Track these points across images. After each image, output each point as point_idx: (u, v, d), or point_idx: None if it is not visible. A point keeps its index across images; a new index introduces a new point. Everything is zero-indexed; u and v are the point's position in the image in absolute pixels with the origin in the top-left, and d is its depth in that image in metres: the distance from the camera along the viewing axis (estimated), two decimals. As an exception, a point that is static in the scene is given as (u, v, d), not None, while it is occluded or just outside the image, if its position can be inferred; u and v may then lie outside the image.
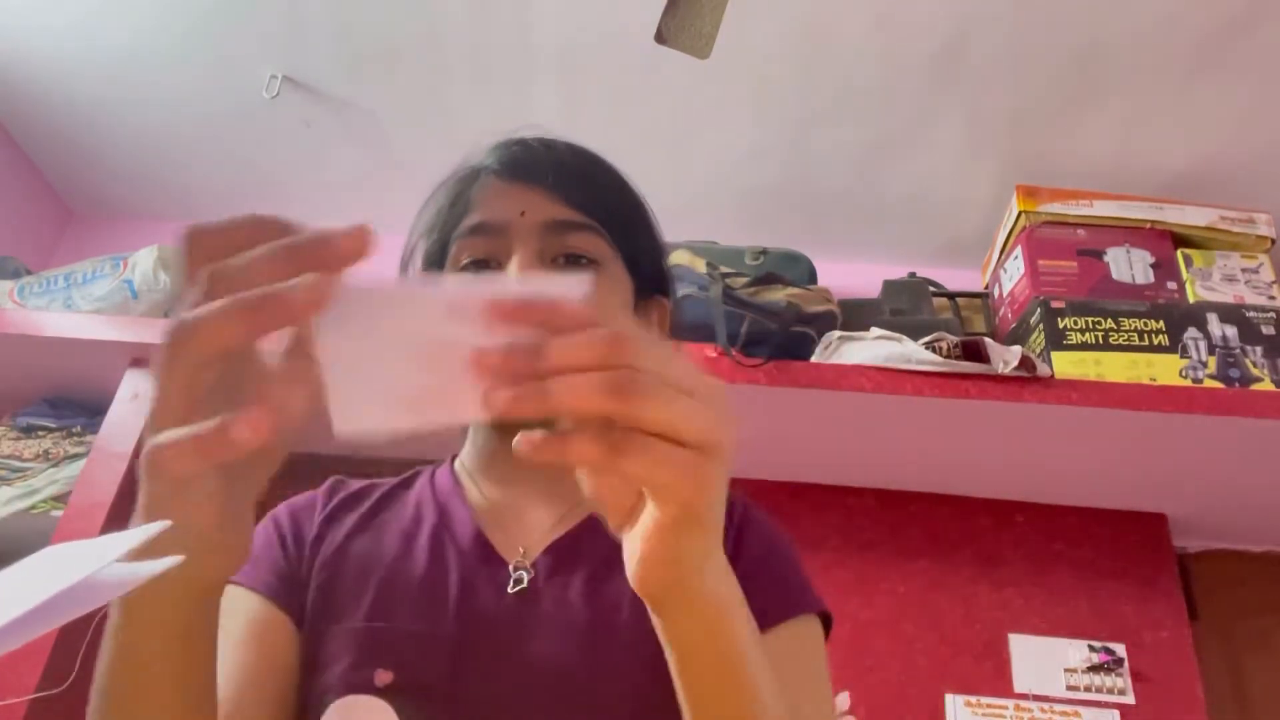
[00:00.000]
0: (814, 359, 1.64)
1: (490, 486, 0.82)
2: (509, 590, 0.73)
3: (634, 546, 0.48)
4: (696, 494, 0.44)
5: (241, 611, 0.72)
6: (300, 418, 0.43)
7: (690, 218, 1.99)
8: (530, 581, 0.74)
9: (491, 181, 0.80)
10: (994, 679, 1.64)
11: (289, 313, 0.39)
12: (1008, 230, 1.90)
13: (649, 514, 0.46)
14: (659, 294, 0.86)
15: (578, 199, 0.78)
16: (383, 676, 0.67)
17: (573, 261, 0.76)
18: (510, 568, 0.74)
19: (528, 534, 0.78)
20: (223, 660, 0.67)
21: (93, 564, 0.30)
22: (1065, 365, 1.61)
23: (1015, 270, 1.83)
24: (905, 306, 1.85)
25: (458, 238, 0.78)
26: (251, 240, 0.42)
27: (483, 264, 0.76)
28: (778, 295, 1.75)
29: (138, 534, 0.34)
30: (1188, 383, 1.59)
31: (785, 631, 0.74)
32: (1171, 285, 1.74)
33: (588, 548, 0.76)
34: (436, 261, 0.82)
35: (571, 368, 0.40)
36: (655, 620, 0.53)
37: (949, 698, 1.62)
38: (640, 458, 0.41)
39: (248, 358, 0.45)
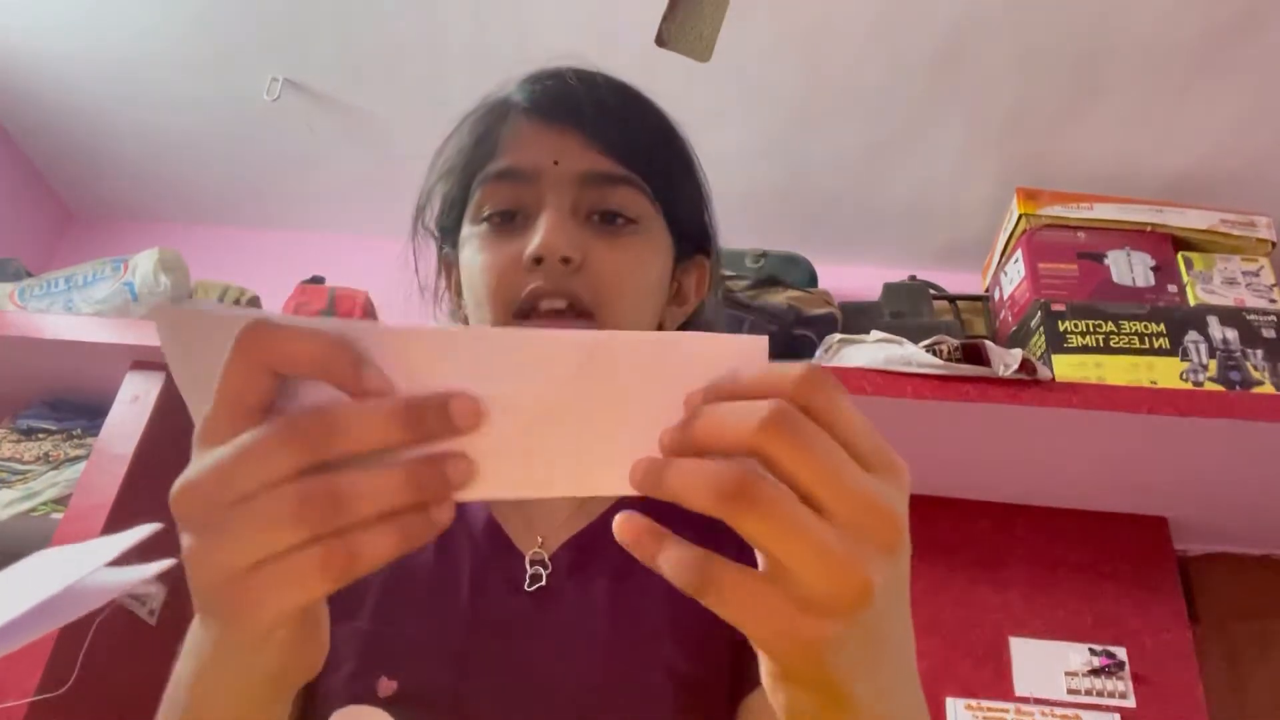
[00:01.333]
0: (814, 361, 1.64)
1: None
2: (525, 588, 0.67)
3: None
4: (796, 656, 0.36)
5: None
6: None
7: (691, 220, 1.99)
8: (548, 578, 0.67)
9: (522, 121, 0.72)
10: (994, 682, 1.63)
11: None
12: (1008, 233, 1.90)
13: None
14: (700, 252, 0.79)
15: (618, 147, 0.70)
16: (386, 686, 0.62)
17: (609, 219, 0.69)
18: (526, 561, 0.68)
19: (546, 520, 0.71)
20: None
21: (85, 568, 0.30)
22: (1066, 368, 1.61)
23: (1016, 273, 1.83)
24: (906, 309, 1.85)
25: (481, 182, 0.70)
26: (316, 360, 0.35)
27: (509, 215, 0.69)
28: (778, 298, 1.75)
29: (129, 536, 0.34)
30: (1188, 386, 1.58)
31: None
32: (1172, 288, 1.74)
33: (613, 541, 0.70)
34: (457, 206, 0.74)
35: (718, 445, 0.34)
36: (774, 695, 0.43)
37: (950, 701, 1.62)
38: (730, 595, 0.34)
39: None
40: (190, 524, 0.34)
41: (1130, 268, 1.76)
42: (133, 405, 1.59)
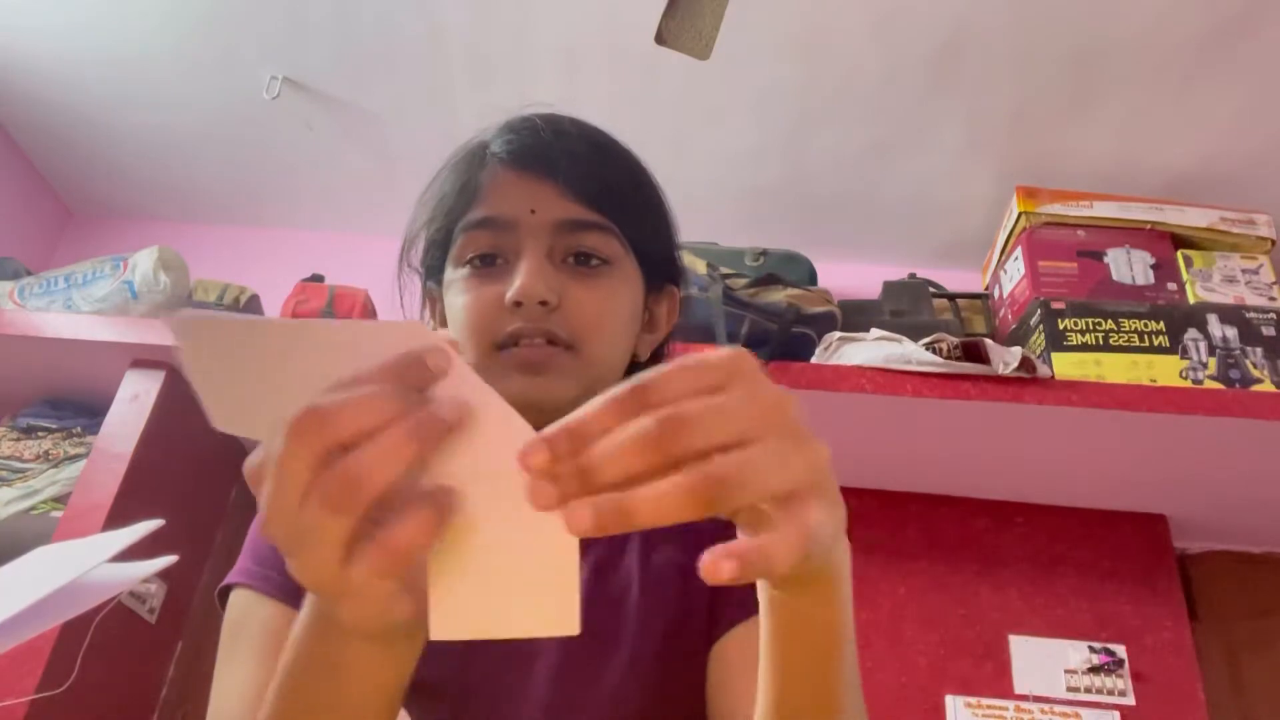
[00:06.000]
0: (814, 360, 1.64)
1: None
2: None
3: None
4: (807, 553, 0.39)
5: (257, 620, 0.70)
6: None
7: (690, 219, 1.97)
8: None
9: (500, 170, 0.77)
10: (994, 680, 1.63)
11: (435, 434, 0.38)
12: (1008, 231, 1.90)
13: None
14: (670, 283, 0.85)
15: (590, 195, 0.75)
16: None
17: (583, 260, 0.74)
18: None
19: None
20: (246, 677, 0.66)
21: (88, 564, 0.30)
22: (1065, 366, 1.61)
23: (1015, 271, 1.83)
24: (905, 307, 1.85)
25: (463, 230, 0.76)
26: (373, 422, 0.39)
27: (489, 259, 0.74)
28: (778, 296, 1.75)
29: (131, 532, 0.34)
30: (1188, 384, 1.58)
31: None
32: (1172, 286, 1.74)
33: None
34: (440, 249, 0.80)
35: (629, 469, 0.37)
36: (763, 592, 0.48)
37: (949, 699, 1.62)
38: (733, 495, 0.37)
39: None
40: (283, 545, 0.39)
41: (1130, 266, 1.77)
42: (132, 404, 1.59)
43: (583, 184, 0.75)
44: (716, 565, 0.37)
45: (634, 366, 0.80)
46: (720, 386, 0.39)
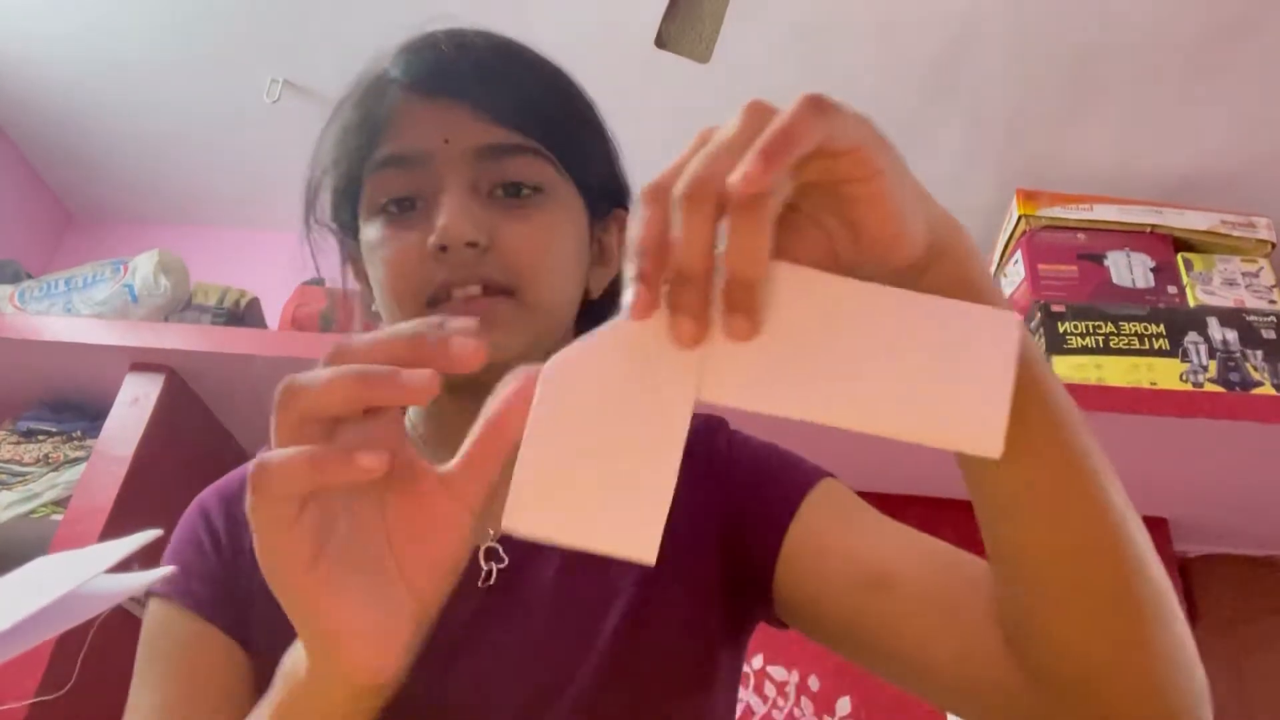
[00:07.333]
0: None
1: (446, 456, 0.75)
2: (479, 583, 0.64)
3: (860, 220, 0.43)
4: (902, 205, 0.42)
5: (172, 637, 0.64)
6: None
7: (690, 221, 1.99)
8: (500, 572, 0.65)
9: (402, 99, 0.68)
10: (995, 683, 1.63)
11: (400, 393, 0.38)
12: (1008, 234, 1.90)
13: (850, 197, 0.42)
14: (617, 206, 0.75)
15: (510, 114, 0.66)
16: None
17: (512, 191, 0.65)
18: (480, 553, 0.65)
19: (492, 513, 0.70)
20: (158, 701, 0.61)
21: (85, 574, 0.30)
22: (1066, 369, 1.61)
23: (1015, 274, 1.83)
24: (905, 310, 1.85)
25: (370, 171, 0.67)
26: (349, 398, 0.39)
27: (406, 202, 0.65)
28: (778, 299, 1.74)
29: (129, 543, 0.34)
30: (1188, 387, 1.58)
31: (817, 495, 0.70)
32: (1172, 289, 1.74)
33: None
34: (349, 198, 0.70)
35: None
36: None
37: (949, 702, 1.61)
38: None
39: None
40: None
41: (1130, 269, 1.76)
42: (132, 407, 1.59)
43: (500, 103, 0.66)
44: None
45: (588, 306, 0.71)
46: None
